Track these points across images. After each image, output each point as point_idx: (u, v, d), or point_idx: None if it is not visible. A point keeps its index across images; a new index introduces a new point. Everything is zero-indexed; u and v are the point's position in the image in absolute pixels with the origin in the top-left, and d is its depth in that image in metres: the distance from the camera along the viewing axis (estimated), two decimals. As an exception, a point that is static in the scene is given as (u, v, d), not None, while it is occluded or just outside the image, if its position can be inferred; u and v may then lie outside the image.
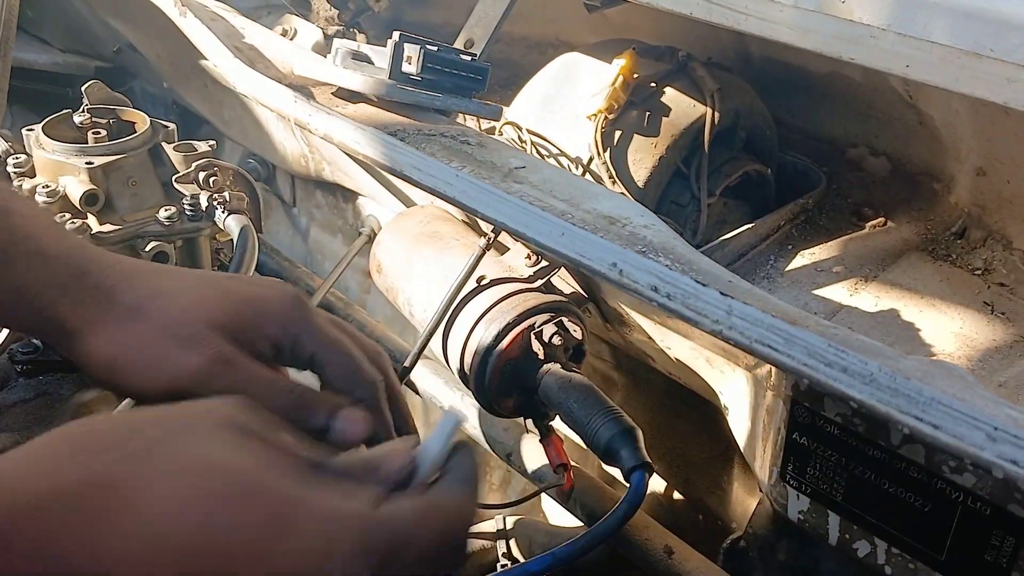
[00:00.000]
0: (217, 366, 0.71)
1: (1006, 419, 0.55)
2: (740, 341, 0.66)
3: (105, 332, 0.73)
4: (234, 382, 0.71)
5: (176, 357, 0.71)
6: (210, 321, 0.73)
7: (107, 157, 1.26)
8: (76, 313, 0.74)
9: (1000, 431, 0.54)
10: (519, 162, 0.89)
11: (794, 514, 0.87)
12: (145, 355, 0.72)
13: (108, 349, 0.73)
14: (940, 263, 1.17)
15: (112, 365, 0.72)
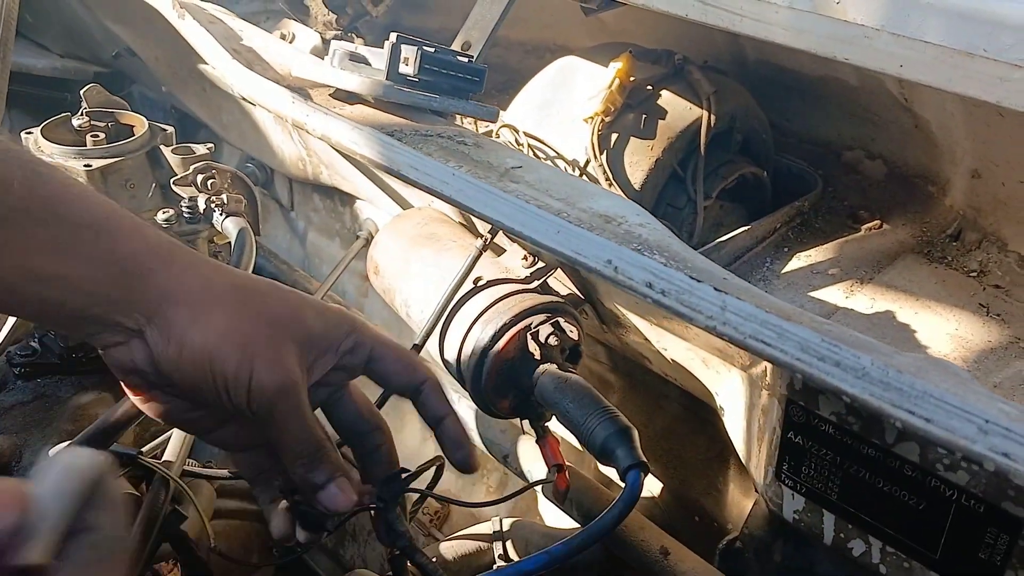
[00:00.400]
0: (278, 393, 0.75)
1: (998, 413, 0.55)
2: (734, 337, 0.66)
3: (201, 312, 0.75)
4: (282, 412, 0.76)
5: (257, 363, 0.75)
6: (298, 332, 0.78)
7: (105, 160, 1.27)
8: (175, 280, 0.75)
9: (992, 424, 0.55)
10: (516, 162, 0.90)
11: (789, 514, 0.88)
12: (235, 350, 0.75)
13: (201, 334, 0.75)
14: (936, 265, 1.17)
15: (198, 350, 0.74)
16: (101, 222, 0.74)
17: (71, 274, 0.72)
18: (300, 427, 0.77)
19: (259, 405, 0.75)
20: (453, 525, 1.48)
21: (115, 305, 0.74)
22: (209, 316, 0.75)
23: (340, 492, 0.77)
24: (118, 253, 0.74)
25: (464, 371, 1.04)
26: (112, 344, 0.77)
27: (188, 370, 0.75)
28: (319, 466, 0.77)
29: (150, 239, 0.76)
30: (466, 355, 1.03)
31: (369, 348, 0.82)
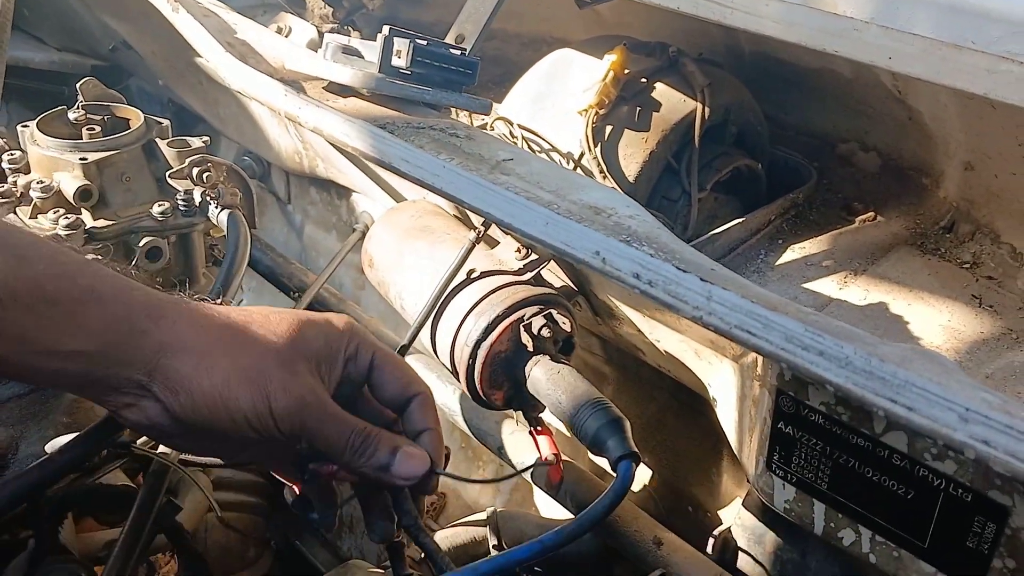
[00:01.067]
0: (301, 406, 0.78)
1: (979, 401, 0.56)
2: (719, 327, 0.67)
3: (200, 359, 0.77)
4: (313, 421, 0.78)
5: (271, 389, 0.77)
6: (297, 350, 0.80)
7: (101, 153, 1.27)
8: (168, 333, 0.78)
9: (972, 412, 0.55)
10: (507, 154, 0.90)
11: (780, 504, 0.88)
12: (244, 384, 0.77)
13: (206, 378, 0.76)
14: (929, 257, 1.17)
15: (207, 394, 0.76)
16: (87, 294, 0.76)
17: (64, 347, 0.74)
18: (337, 429, 0.80)
19: (289, 427, 0.78)
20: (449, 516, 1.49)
21: (114, 368, 0.76)
22: (210, 360, 0.77)
23: (410, 458, 0.80)
24: (107, 321, 0.76)
25: (457, 363, 1.04)
26: (124, 406, 0.79)
27: (205, 415, 0.77)
28: (376, 449, 0.80)
29: (137, 299, 0.78)
30: (459, 347, 1.04)
31: (371, 354, 0.85)
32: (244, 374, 0.76)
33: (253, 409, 0.76)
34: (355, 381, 0.85)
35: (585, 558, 1.12)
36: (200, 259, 1.34)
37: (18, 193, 1.27)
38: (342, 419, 0.80)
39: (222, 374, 0.76)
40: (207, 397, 0.76)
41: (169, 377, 0.76)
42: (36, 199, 1.24)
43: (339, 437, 0.79)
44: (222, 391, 0.76)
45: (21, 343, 0.73)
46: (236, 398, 0.76)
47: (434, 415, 0.86)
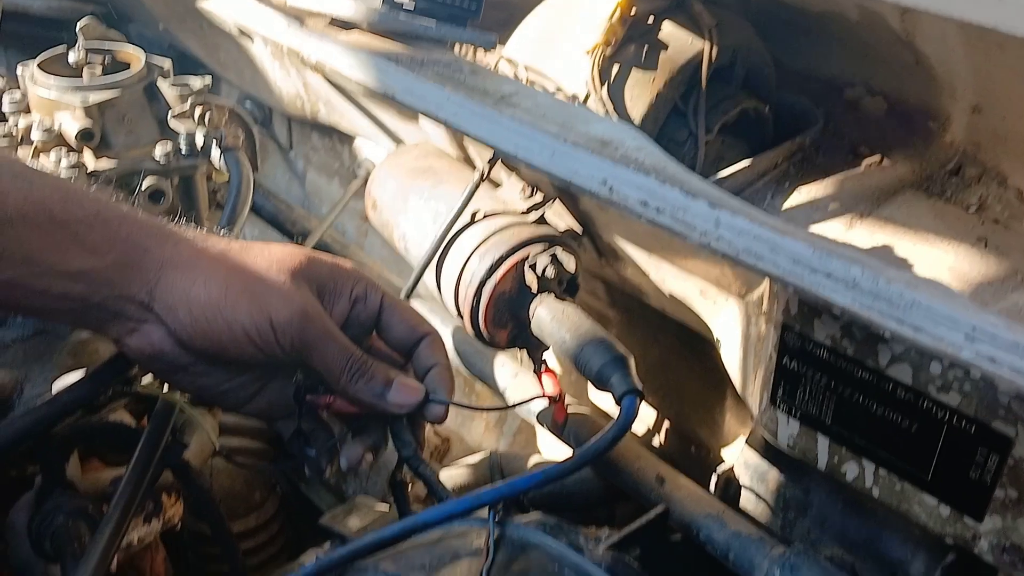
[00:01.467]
0: (303, 319, 0.78)
1: (985, 320, 0.56)
2: (727, 252, 0.67)
3: (200, 273, 0.78)
4: (313, 336, 0.78)
5: (270, 300, 0.77)
6: (299, 274, 0.81)
7: (102, 94, 1.26)
8: (170, 251, 0.79)
9: (979, 330, 0.55)
10: (511, 88, 0.89)
11: (784, 439, 0.89)
12: (244, 295, 0.77)
13: (204, 289, 0.77)
14: (935, 200, 1.17)
15: (205, 306, 0.77)
16: (93, 217, 0.77)
17: (71, 267, 0.76)
18: (337, 346, 0.80)
19: (288, 340, 0.77)
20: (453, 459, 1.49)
21: (117, 287, 0.77)
22: (209, 273, 0.78)
23: (405, 387, 0.81)
24: (114, 241, 0.77)
25: (461, 303, 1.04)
26: (127, 333, 0.80)
27: (204, 330, 0.77)
28: (372, 375, 0.80)
29: (142, 223, 0.80)
30: (464, 287, 1.04)
31: (380, 297, 0.85)
32: (244, 286, 0.77)
33: (251, 319, 0.76)
34: (364, 324, 0.85)
35: (588, 497, 1.13)
36: (203, 202, 1.34)
37: (19, 135, 1.26)
38: (343, 341, 0.80)
39: (220, 287, 0.77)
40: (205, 309, 0.76)
41: (169, 292, 0.77)
42: (37, 140, 1.23)
43: (338, 357, 0.79)
44: (220, 302, 0.76)
45: (29, 264, 0.74)
46: (234, 309, 0.76)
47: (443, 353, 0.87)
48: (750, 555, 0.94)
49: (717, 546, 0.96)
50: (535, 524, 0.83)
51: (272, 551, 1.46)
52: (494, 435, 1.54)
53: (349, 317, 0.84)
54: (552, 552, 0.80)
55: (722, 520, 0.97)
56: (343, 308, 0.84)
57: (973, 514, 0.76)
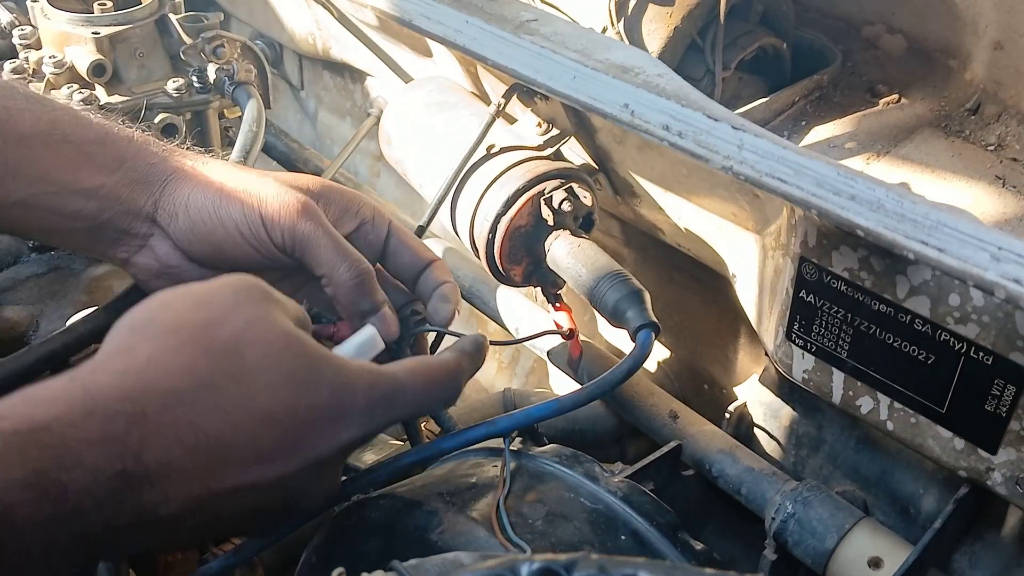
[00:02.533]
0: (297, 213, 0.77)
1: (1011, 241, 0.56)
2: (750, 175, 0.66)
3: (200, 180, 0.80)
4: (307, 231, 0.77)
5: (263, 194, 0.78)
6: (303, 187, 0.81)
7: (113, 27, 1.25)
8: (175, 165, 0.81)
9: (1004, 251, 0.55)
10: (530, 15, 0.88)
11: (799, 374, 0.89)
12: (238, 193, 0.78)
13: (201, 193, 0.78)
14: (953, 139, 1.15)
15: (201, 207, 0.78)
16: (103, 136, 0.80)
17: (83, 184, 0.78)
18: (334, 244, 0.78)
19: (278, 232, 0.77)
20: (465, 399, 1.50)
21: (126, 202, 0.79)
22: (209, 180, 0.80)
23: (383, 323, 0.80)
24: (123, 158, 0.80)
25: (476, 238, 1.04)
26: (135, 251, 0.82)
27: (201, 232, 0.78)
28: (364, 293, 0.79)
29: (150, 142, 0.83)
30: (479, 222, 1.03)
31: (388, 224, 0.85)
32: (239, 186, 0.78)
33: (243, 215, 0.77)
34: (369, 248, 0.85)
35: (601, 434, 1.14)
36: (215, 137, 1.34)
37: (30, 69, 1.26)
38: (341, 241, 0.79)
39: (216, 188, 0.78)
40: (201, 210, 0.78)
41: (171, 200, 0.79)
42: (49, 74, 1.23)
43: (335, 257, 0.78)
44: (215, 201, 0.78)
45: (43, 182, 0.76)
46: (228, 206, 0.77)
47: (449, 275, 0.86)
48: (762, 490, 0.94)
49: (729, 481, 0.97)
50: (551, 455, 0.84)
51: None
52: (507, 375, 1.55)
53: (355, 239, 0.84)
54: (568, 481, 0.81)
55: (734, 456, 0.98)
56: (349, 227, 0.83)
57: (987, 447, 0.76)
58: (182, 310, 0.61)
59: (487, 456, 0.85)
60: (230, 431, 0.57)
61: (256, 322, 0.61)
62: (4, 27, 1.39)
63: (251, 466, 0.59)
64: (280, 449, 0.60)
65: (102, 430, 0.53)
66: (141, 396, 0.55)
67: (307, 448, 0.61)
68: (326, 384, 0.62)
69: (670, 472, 0.96)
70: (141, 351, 0.58)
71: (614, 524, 0.76)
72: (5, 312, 1.16)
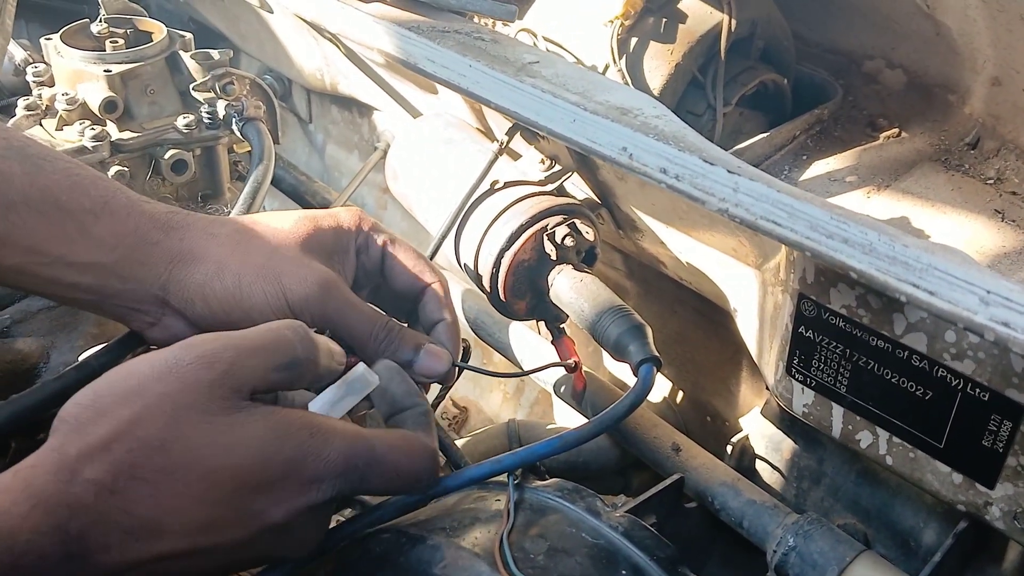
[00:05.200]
0: (321, 293, 0.77)
1: (999, 285, 0.57)
2: (745, 218, 0.67)
3: (211, 264, 0.78)
4: (334, 309, 0.78)
5: (284, 282, 0.77)
6: (307, 245, 0.81)
7: (125, 65, 1.27)
8: (178, 243, 0.78)
9: (992, 295, 0.56)
10: (532, 57, 0.90)
11: (799, 408, 0.90)
12: (257, 281, 0.77)
13: (218, 282, 0.77)
14: (952, 173, 1.17)
15: (221, 299, 0.77)
16: (100, 207, 0.77)
17: (79, 258, 0.76)
18: (359, 316, 0.79)
19: (307, 316, 0.77)
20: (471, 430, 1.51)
21: (128, 281, 0.77)
22: (220, 265, 0.78)
23: (432, 355, 0.81)
24: (120, 233, 0.77)
25: (481, 272, 1.06)
26: (148, 326, 0.81)
27: (224, 321, 0.78)
28: (400, 342, 0.80)
29: (148, 214, 0.79)
30: (483, 256, 1.05)
31: (382, 241, 0.85)
32: (256, 272, 0.77)
33: (267, 304, 0.76)
34: (372, 274, 0.86)
35: (605, 465, 1.15)
36: (225, 173, 1.36)
37: (43, 106, 1.28)
38: (364, 309, 0.80)
39: (233, 276, 0.77)
40: (221, 301, 0.77)
41: (183, 287, 0.78)
42: (62, 111, 1.25)
43: (363, 327, 0.79)
44: (234, 292, 0.77)
45: (35, 253, 0.75)
46: (250, 296, 0.76)
47: (450, 305, 0.87)
48: (764, 523, 0.95)
49: (731, 514, 0.97)
50: (553, 489, 0.85)
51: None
52: (512, 405, 1.56)
53: (357, 273, 0.85)
54: (570, 516, 0.81)
55: (736, 488, 0.99)
56: (351, 265, 0.84)
57: (985, 482, 0.76)
58: (110, 405, 0.62)
59: (489, 489, 0.86)
60: (164, 513, 0.60)
61: (187, 410, 0.62)
62: (18, 64, 1.42)
63: (194, 535, 0.62)
64: (223, 520, 0.62)
65: (45, 522, 0.57)
66: (79, 490, 0.59)
67: (258, 517, 0.63)
68: (279, 454, 0.64)
69: (672, 505, 0.97)
70: (71, 449, 0.60)
71: (615, 559, 0.77)
72: (17, 344, 1.17)
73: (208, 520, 0.62)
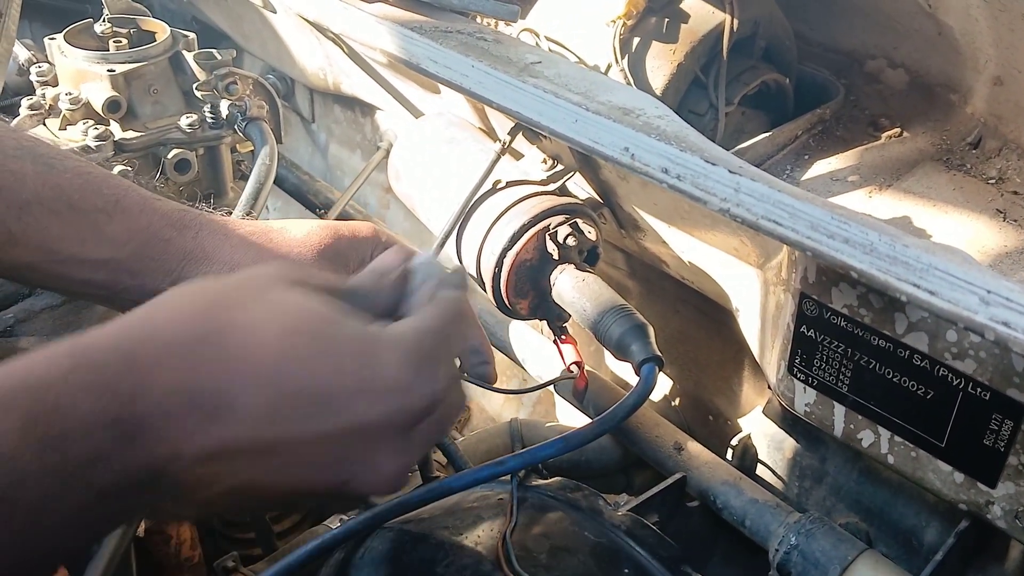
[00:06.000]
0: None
1: (999, 284, 0.57)
2: (747, 218, 0.68)
3: (224, 265, 0.78)
4: None
5: None
6: (323, 254, 0.81)
7: (128, 64, 1.28)
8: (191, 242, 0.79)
9: (993, 294, 0.56)
10: (535, 57, 0.90)
11: (801, 407, 0.90)
12: None
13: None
14: (954, 172, 1.17)
15: None
16: (112, 205, 0.77)
17: (90, 255, 0.76)
18: None
19: None
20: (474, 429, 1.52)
21: (139, 277, 0.77)
22: (232, 266, 0.79)
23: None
24: (132, 230, 0.77)
25: (483, 272, 1.06)
26: None
27: None
28: None
29: (160, 211, 0.80)
30: (485, 256, 1.05)
31: None
32: None
33: None
34: None
35: (607, 464, 1.15)
36: (228, 173, 1.36)
37: (47, 105, 1.28)
38: None
39: None
40: None
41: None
42: (65, 111, 1.25)
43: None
44: None
45: (48, 251, 0.75)
46: None
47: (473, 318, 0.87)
48: (766, 522, 0.95)
49: (734, 513, 0.98)
50: (556, 488, 0.85)
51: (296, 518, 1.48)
52: (514, 404, 1.56)
53: None
54: (572, 515, 0.82)
55: (739, 487, 0.99)
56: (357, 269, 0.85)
57: (986, 481, 0.77)
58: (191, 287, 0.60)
59: (492, 488, 0.86)
60: (233, 384, 0.54)
61: (269, 286, 0.59)
62: (22, 64, 1.42)
63: (263, 424, 0.54)
64: (298, 407, 0.55)
65: (91, 378, 0.51)
66: (134, 347, 0.53)
67: (336, 411, 0.56)
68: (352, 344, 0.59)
69: (674, 504, 0.97)
70: (139, 312, 0.56)
71: (617, 557, 0.77)
72: (20, 343, 1.17)
73: (281, 400, 0.55)
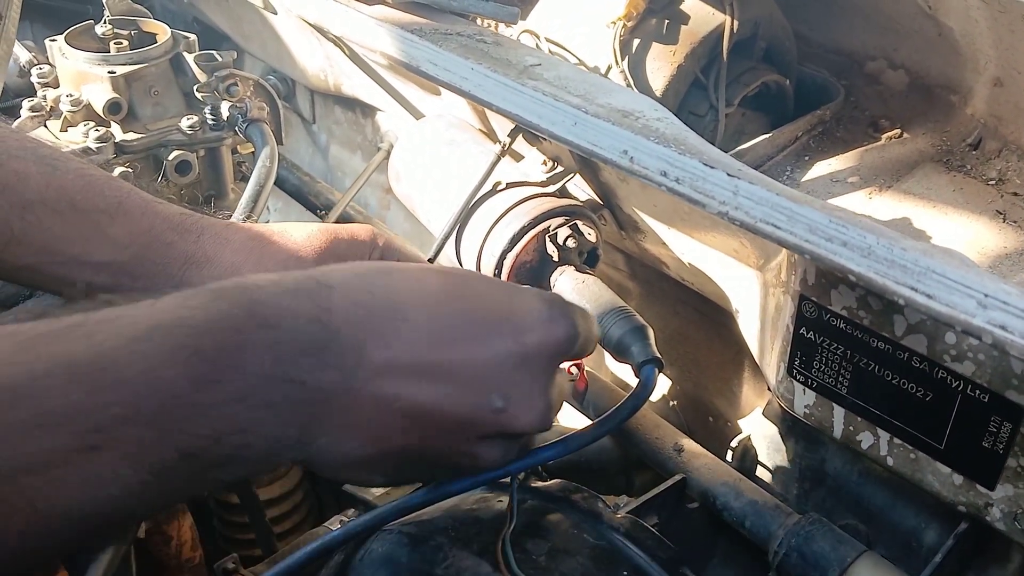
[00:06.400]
0: None
1: (997, 288, 0.57)
2: (745, 221, 0.68)
3: (225, 268, 0.79)
4: None
5: None
6: (322, 259, 0.82)
7: (129, 66, 1.28)
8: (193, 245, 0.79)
9: (990, 298, 0.56)
10: (534, 60, 0.90)
11: (800, 409, 0.90)
12: None
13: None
14: (954, 173, 1.17)
15: None
16: (115, 207, 0.78)
17: (92, 257, 0.76)
18: None
19: None
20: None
21: (142, 280, 0.78)
22: (233, 269, 0.79)
23: None
24: (134, 233, 0.78)
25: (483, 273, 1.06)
26: None
27: None
28: None
29: (162, 215, 0.80)
30: (485, 257, 1.05)
31: (396, 256, 0.86)
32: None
33: None
34: None
35: (607, 465, 1.15)
36: (228, 174, 1.36)
37: (48, 107, 1.29)
38: None
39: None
40: None
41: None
42: (66, 112, 1.25)
43: None
44: None
45: (50, 252, 0.75)
46: None
47: None
48: (766, 523, 0.95)
49: (734, 514, 0.98)
50: (555, 490, 0.85)
51: (297, 519, 1.49)
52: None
53: None
54: (572, 517, 0.82)
55: (738, 489, 0.99)
56: None
57: (985, 483, 0.77)
58: None
59: (491, 490, 0.86)
60: (404, 306, 0.61)
61: None
62: (23, 66, 1.42)
63: (427, 347, 0.61)
64: (456, 332, 0.63)
65: (296, 285, 0.59)
66: (324, 273, 0.61)
67: (489, 337, 0.64)
68: (499, 288, 0.69)
69: (674, 505, 0.97)
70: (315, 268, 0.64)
71: (617, 560, 0.78)
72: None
73: (442, 323, 0.62)
